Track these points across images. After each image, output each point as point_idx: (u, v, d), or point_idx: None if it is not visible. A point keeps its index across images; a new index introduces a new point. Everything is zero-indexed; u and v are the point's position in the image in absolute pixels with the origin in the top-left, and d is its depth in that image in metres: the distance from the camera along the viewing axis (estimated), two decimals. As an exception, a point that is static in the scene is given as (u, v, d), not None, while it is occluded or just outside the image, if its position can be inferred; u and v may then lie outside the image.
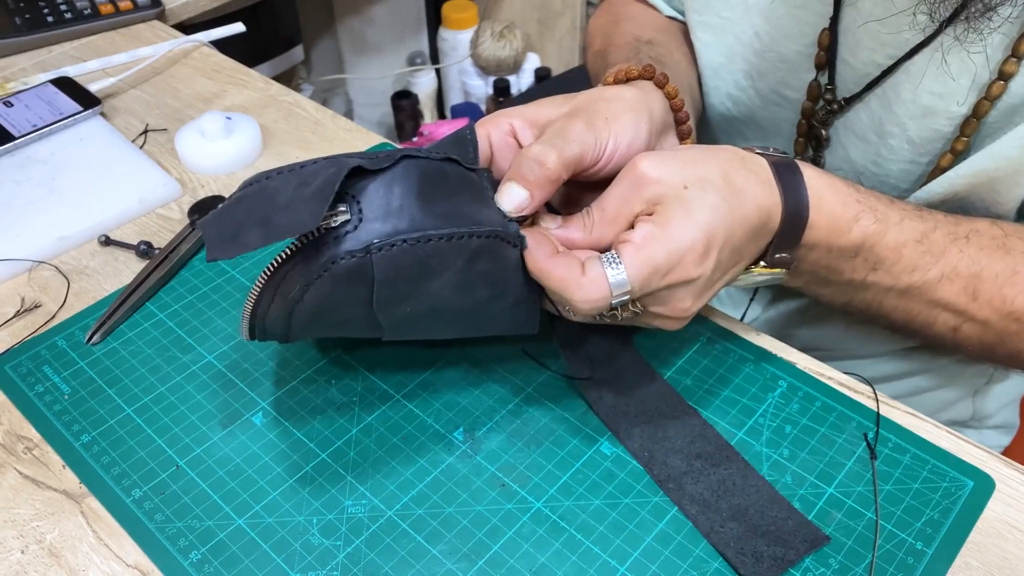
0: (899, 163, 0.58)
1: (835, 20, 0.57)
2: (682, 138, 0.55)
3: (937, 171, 0.56)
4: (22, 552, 0.47)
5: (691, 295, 0.46)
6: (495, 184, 0.47)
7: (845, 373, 0.55)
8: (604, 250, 0.46)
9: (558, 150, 0.46)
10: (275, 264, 0.43)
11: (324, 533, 0.48)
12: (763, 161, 0.48)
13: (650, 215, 0.44)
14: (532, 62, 1.94)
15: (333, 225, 0.42)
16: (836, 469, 0.50)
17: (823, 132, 0.61)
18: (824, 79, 0.59)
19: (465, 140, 0.48)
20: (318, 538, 0.47)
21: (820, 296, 0.55)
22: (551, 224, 0.47)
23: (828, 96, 0.60)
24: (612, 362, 0.55)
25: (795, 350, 0.57)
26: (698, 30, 0.64)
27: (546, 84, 1.85)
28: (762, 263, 0.50)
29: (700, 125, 0.72)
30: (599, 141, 0.48)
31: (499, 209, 0.46)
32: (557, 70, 1.95)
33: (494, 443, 0.52)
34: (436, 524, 0.48)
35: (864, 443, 0.52)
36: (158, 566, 0.46)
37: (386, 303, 0.44)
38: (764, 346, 0.57)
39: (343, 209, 0.42)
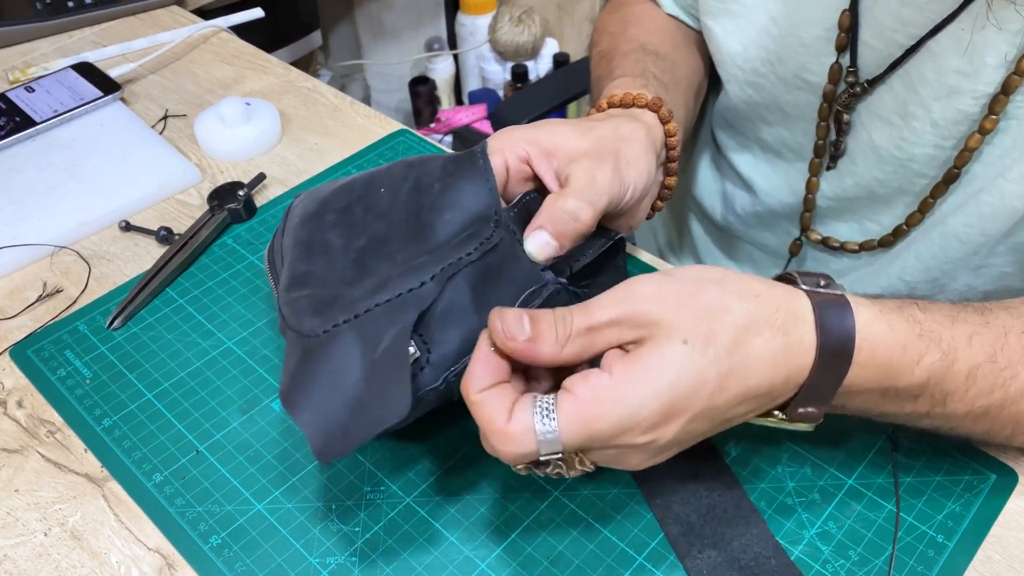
0: (923, 147, 0.57)
1: (855, 1, 0.56)
2: (668, 174, 0.57)
3: (965, 152, 0.55)
4: (45, 535, 0.48)
5: (643, 455, 0.40)
6: (523, 213, 0.47)
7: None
8: (571, 370, 0.41)
9: (592, 205, 0.46)
10: None
11: (343, 519, 0.48)
12: (806, 308, 0.41)
13: (626, 351, 0.39)
14: (551, 47, 1.93)
15: None
16: (856, 460, 0.50)
17: (845, 116, 0.60)
18: (845, 61, 0.59)
19: (479, 171, 0.47)
20: (337, 524, 0.48)
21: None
22: (519, 333, 0.39)
23: (850, 79, 0.59)
24: None
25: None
26: (717, 17, 0.64)
27: (565, 70, 1.84)
28: (780, 414, 0.43)
29: (723, 111, 0.72)
30: (623, 189, 0.49)
31: (529, 257, 0.46)
32: (576, 55, 1.93)
33: (512, 431, 0.52)
34: (454, 511, 0.48)
35: (885, 434, 0.51)
36: (179, 550, 0.47)
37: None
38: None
39: (411, 350, 0.43)
